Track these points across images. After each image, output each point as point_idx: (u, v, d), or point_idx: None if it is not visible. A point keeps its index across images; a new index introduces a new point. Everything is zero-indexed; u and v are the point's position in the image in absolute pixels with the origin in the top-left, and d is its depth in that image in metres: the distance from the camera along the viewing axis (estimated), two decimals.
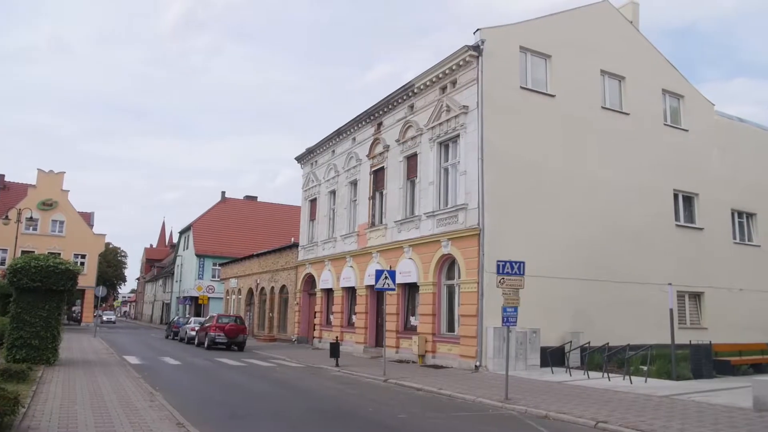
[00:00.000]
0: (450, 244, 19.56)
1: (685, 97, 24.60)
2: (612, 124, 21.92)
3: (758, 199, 26.13)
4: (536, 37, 20.56)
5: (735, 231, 25.51)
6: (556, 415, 10.45)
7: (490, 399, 12.18)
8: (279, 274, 35.97)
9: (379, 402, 12.29)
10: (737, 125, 26.83)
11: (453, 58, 19.89)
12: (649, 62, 23.75)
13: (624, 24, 23.50)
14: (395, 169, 23.60)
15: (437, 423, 10.15)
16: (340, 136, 28.76)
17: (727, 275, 23.90)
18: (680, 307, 22.35)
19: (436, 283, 20.48)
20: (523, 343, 17.77)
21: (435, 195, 20.90)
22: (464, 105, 19.52)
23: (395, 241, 22.83)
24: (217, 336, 27.00)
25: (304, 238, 32.60)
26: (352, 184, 27.55)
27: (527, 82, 20.23)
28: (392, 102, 23.81)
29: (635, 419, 9.82)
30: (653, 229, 22.15)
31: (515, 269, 12.94)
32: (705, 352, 16.46)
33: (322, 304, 29.67)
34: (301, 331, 31.90)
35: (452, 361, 18.90)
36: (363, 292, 25.08)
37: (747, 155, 26.00)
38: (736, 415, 10.21)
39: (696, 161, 24.16)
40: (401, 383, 15.10)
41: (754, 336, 21.50)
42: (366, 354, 23.70)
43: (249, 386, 14.66)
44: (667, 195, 23.18)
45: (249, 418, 10.25)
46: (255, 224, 59.73)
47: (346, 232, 27.27)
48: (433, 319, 20.30)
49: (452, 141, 20.53)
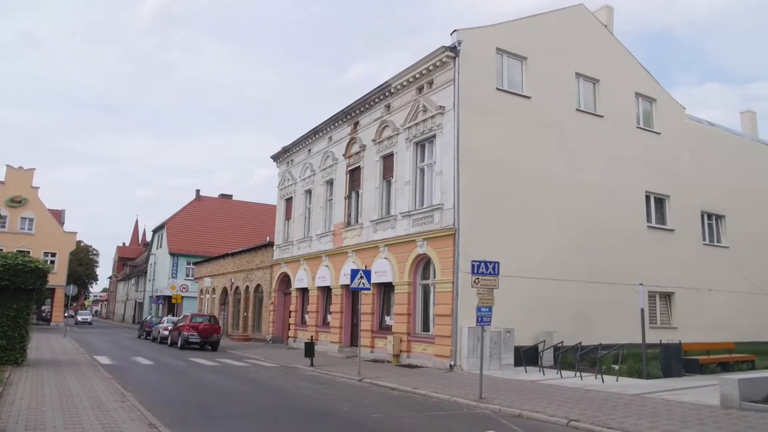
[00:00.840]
0: (425, 244, 19.62)
1: (657, 100, 25.01)
2: (586, 126, 22.18)
3: (727, 202, 26.68)
4: (512, 39, 20.72)
5: (704, 232, 26.01)
6: (529, 414, 10.55)
7: (465, 398, 12.25)
8: (254, 273, 35.74)
9: (353, 402, 12.27)
10: (707, 129, 27.35)
11: (430, 59, 19.95)
12: (622, 66, 24.09)
13: (599, 28, 23.80)
14: (371, 168, 23.60)
15: (412, 422, 10.17)
16: (316, 135, 28.67)
17: (696, 276, 24.35)
18: (651, 307, 22.73)
19: (411, 282, 20.53)
20: (498, 343, 17.90)
21: (411, 195, 20.94)
22: (441, 105, 19.60)
23: (371, 240, 22.84)
24: (191, 335, 26.72)
25: (279, 237, 32.44)
26: (328, 183, 27.48)
27: (503, 83, 20.38)
28: (369, 101, 23.80)
29: (606, 417, 9.96)
30: (625, 230, 22.48)
31: (490, 269, 13.03)
32: (675, 351, 16.75)
33: (297, 303, 29.55)
34: (276, 330, 31.74)
35: (427, 361, 18.96)
36: (338, 292, 25.04)
37: (716, 158, 26.53)
38: (704, 412, 10.41)
39: (667, 164, 24.58)
40: (376, 383, 15.11)
41: (722, 335, 21.93)
42: (341, 354, 23.67)
43: (223, 386, 14.54)
44: (640, 196, 23.54)
45: (222, 418, 10.17)
46: (230, 223, 59.24)
47: (322, 232, 27.19)
48: (408, 318, 20.34)
49: (428, 141, 20.59)
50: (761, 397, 10.83)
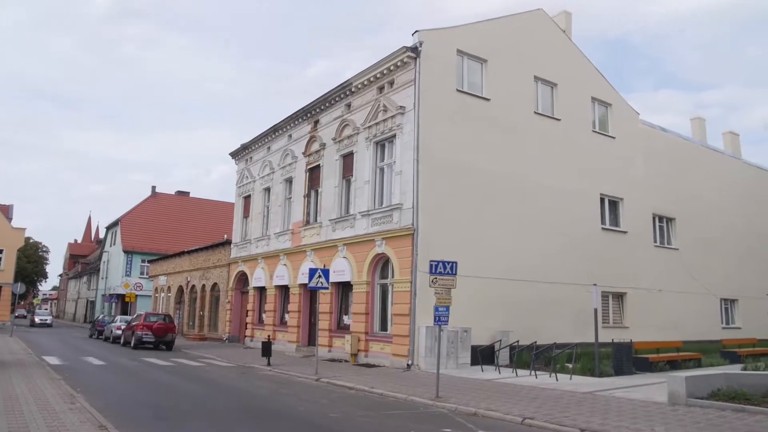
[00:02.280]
0: (384, 244, 19.64)
1: (612, 105, 25.60)
2: (544, 128, 22.55)
3: (677, 205, 27.50)
4: (473, 42, 20.91)
5: (656, 234, 26.74)
6: (485, 412, 10.66)
7: (421, 397, 12.30)
8: (211, 271, 35.22)
9: (310, 401, 12.21)
10: (659, 134, 28.13)
11: (391, 59, 19.98)
12: (579, 70, 24.58)
13: (557, 33, 24.22)
14: (331, 167, 23.51)
15: (368, 422, 10.16)
16: (276, 132, 28.41)
17: (648, 277, 25.02)
18: (604, 306, 23.24)
19: (369, 282, 20.53)
20: (455, 342, 18.04)
21: (370, 194, 20.94)
22: (401, 105, 19.65)
23: (330, 239, 22.75)
24: (145, 335, 26.18)
25: (237, 236, 32.05)
26: (287, 181, 27.27)
27: (463, 85, 20.55)
28: (330, 100, 23.70)
29: (560, 415, 10.14)
30: (580, 231, 22.94)
31: (448, 269, 13.13)
32: (626, 350, 17.18)
33: (255, 302, 29.24)
34: (233, 330, 31.34)
35: (384, 360, 18.99)
36: (296, 291, 24.88)
37: (667, 163, 27.31)
38: (652, 408, 10.70)
39: (621, 167, 25.18)
40: (333, 382, 15.06)
41: (671, 334, 22.61)
42: (298, 353, 23.51)
43: (177, 386, 14.29)
44: (594, 199, 24.05)
45: (175, 418, 9.99)
46: (186, 220, 58.26)
47: (281, 230, 26.97)
48: (366, 318, 20.34)
49: (388, 141, 20.63)
50: (706, 393, 11.20)
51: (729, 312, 29.56)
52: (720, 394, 11.12)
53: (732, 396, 10.91)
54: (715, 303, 28.49)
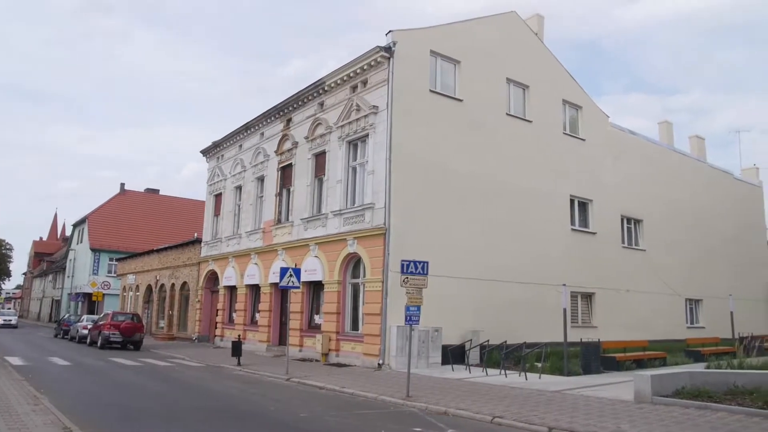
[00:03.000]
0: (356, 243, 19.62)
1: (583, 108, 25.95)
2: (516, 130, 22.76)
3: (644, 207, 28.00)
4: (447, 42, 21.00)
5: (624, 236, 27.18)
6: (455, 411, 10.72)
7: (392, 396, 12.32)
8: (180, 270, 34.79)
9: (280, 401, 12.13)
10: (628, 137, 28.61)
11: (364, 58, 19.96)
12: (551, 73, 24.86)
13: (530, 35, 24.46)
14: (303, 166, 23.41)
15: (339, 421, 10.14)
16: (248, 130, 28.18)
17: (615, 277, 25.43)
18: (573, 306, 23.55)
19: (341, 281, 20.49)
20: (426, 342, 18.10)
21: (342, 194, 20.90)
22: (374, 105, 19.65)
23: (301, 239, 22.65)
24: (112, 334, 25.74)
25: (207, 234, 31.72)
26: (259, 179, 27.07)
27: (436, 85, 20.62)
28: (303, 98, 23.59)
29: (529, 414, 10.24)
30: (551, 232, 23.21)
31: (419, 269, 13.18)
32: (594, 349, 17.42)
33: (225, 301, 28.97)
34: (203, 329, 31.00)
35: (356, 360, 18.97)
36: (267, 290, 24.71)
37: (636, 166, 27.79)
38: (619, 407, 10.88)
39: (591, 169, 25.55)
40: (304, 382, 15.00)
41: (638, 334, 23.01)
42: (269, 353, 23.36)
43: (144, 387, 14.07)
44: (564, 200, 24.35)
45: (143, 420, 9.84)
46: (156, 218, 57.45)
47: (252, 229, 26.76)
48: (338, 317, 20.30)
49: (361, 140, 20.61)
50: (671, 391, 11.43)
51: (693, 312, 30.21)
52: (684, 392, 11.36)
53: (695, 394, 11.15)
54: (681, 303, 29.10)
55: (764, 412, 9.80)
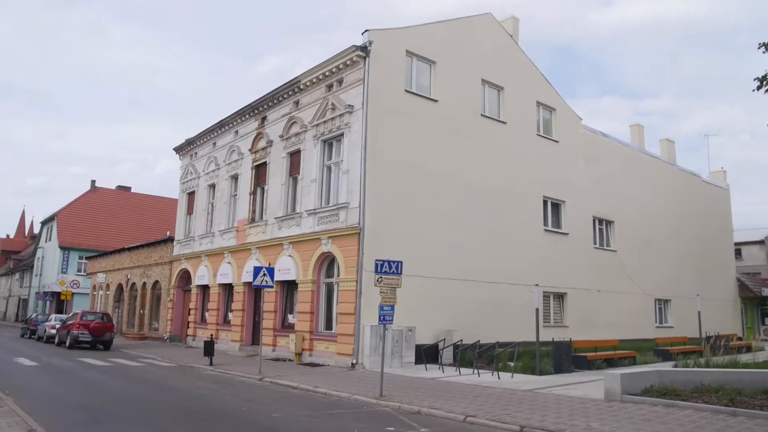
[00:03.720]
0: (330, 243, 19.57)
1: (556, 110, 26.22)
2: (490, 131, 22.91)
3: (616, 208, 28.41)
4: (422, 43, 21.06)
5: (595, 237, 27.54)
6: (428, 410, 10.75)
7: (366, 396, 12.31)
8: (152, 269, 34.34)
9: (253, 401, 12.05)
10: (600, 139, 28.99)
11: (340, 57, 19.92)
12: (525, 75, 25.08)
13: (505, 37, 24.64)
14: (278, 164, 23.27)
15: (311, 421, 10.10)
16: (222, 128, 27.93)
17: (587, 277, 25.76)
18: (545, 306, 23.79)
19: (315, 280, 20.42)
20: (399, 341, 18.13)
21: (317, 193, 20.84)
22: (349, 104, 19.62)
23: (275, 237, 22.52)
24: (81, 334, 25.31)
25: (180, 233, 31.36)
26: (232, 178, 26.84)
27: (412, 86, 20.66)
28: (278, 97, 23.46)
29: (501, 412, 10.32)
30: (524, 232, 23.42)
31: (393, 268, 13.20)
32: (565, 348, 17.63)
33: (197, 300, 28.68)
34: (174, 329, 30.65)
35: (329, 359, 18.92)
36: (240, 289, 24.52)
37: (607, 167, 28.18)
38: (589, 405, 11.02)
39: (564, 171, 25.83)
40: (277, 382, 14.92)
41: (608, 333, 23.37)
42: (242, 352, 23.19)
43: (114, 387, 13.86)
44: (538, 201, 24.59)
45: (112, 421, 9.69)
46: (127, 216, 56.55)
47: (225, 228, 26.53)
48: (311, 317, 20.23)
49: (336, 139, 20.56)
50: (640, 389, 11.63)
51: (662, 312, 30.75)
52: (653, 391, 11.57)
53: (663, 392, 11.37)
54: (650, 303, 29.60)
55: (729, 409, 10.03)
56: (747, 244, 44.78)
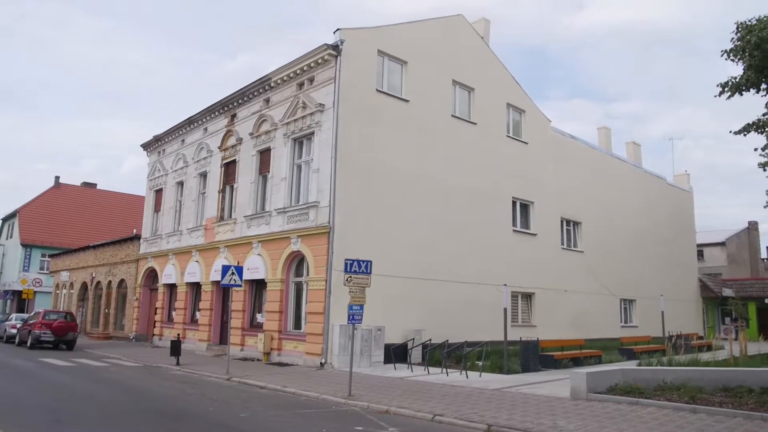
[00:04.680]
0: (300, 242, 19.48)
1: (526, 112, 26.50)
2: (460, 132, 23.05)
3: (583, 210, 28.85)
4: (394, 43, 21.08)
5: (563, 237, 27.92)
6: (396, 409, 10.78)
7: (334, 396, 12.29)
8: (118, 267, 33.73)
9: (220, 401, 11.93)
10: (569, 141, 29.40)
11: (312, 56, 19.83)
12: (496, 77, 25.29)
13: (476, 39, 24.81)
14: (247, 162, 23.07)
15: (279, 421, 10.04)
16: (191, 125, 27.58)
17: (555, 277, 26.10)
18: (513, 306, 24.02)
19: (284, 280, 20.31)
20: (368, 341, 18.14)
21: (287, 191, 20.72)
22: (320, 103, 19.55)
23: (244, 236, 22.33)
24: (43, 334, 24.74)
25: (147, 231, 30.88)
26: (201, 175, 26.53)
27: (383, 85, 20.67)
28: (248, 94, 23.25)
29: (469, 411, 10.39)
30: (493, 233, 23.62)
31: (362, 268, 13.20)
32: (533, 348, 17.84)
33: (164, 299, 28.27)
34: (140, 328, 30.16)
35: (298, 359, 18.83)
36: (208, 288, 24.25)
37: (575, 169, 28.59)
38: (556, 403, 11.18)
39: (533, 172, 26.13)
40: (245, 381, 14.80)
41: (575, 333, 23.73)
42: (209, 352, 22.93)
43: (77, 388, 13.59)
44: (507, 202, 24.82)
45: (75, 422, 9.49)
46: (93, 213, 55.42)
47: (193, 226, 26.21)
48: (280, 316, 20.11)
49: (307, 138, 20.47)
50: (605, 388, 11.84)
51: (627, 311, 31.32)
52: (617, 389, 11.80)
53: (628, 390, 11.60)
54: (615, 303, 30.12)
55: (690, 407, 10.29)
56: (709, 245, 45.95)
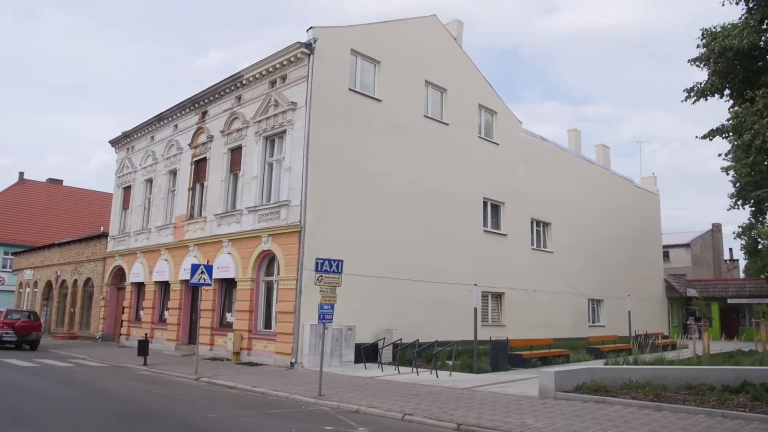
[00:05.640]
0: (271, 240, 19.36)
1: (498, 113, 26.72)
2: (433, 132, 23.14)
3: (553, 211, 29.20)
4: (367, 42, 21.07)
5: (533, 238, 28.21)
6: (366, 409, 10.78)
7: (304, 395, 12.24)
8: (84, 265, 33.11)
9: (188, 402, 11.80)
10: (539, 143, 29.72)
11: (284, 53, 19.71)
12: (468, 78, 25.44)
13: (449, 40, 24.92)
14: (218, 160, 22.84)
15: (248, 421, 9.96)
16: (161, 121, 27.19)
17: (524, 278, 26.37)
18: (484, 306, 24.19)
19: (254, 279, 20.15)
20: (339, 340, 18.10)
21: (258, 190, 20.57)
22: (293, 101, 19.45)
23: (214, 234, 22.10)
24: (5, 334, 24.16)
25: (115, 228, 30.36)
26: (171, 173, 26.17)
27: (356, 84, 20.65)
28: (219, 91, 23.01)
29: (438, 411, 10.44)
30: (464, 233, 23.76)
31: (333, 267, 13.17)
32: (502, 347, 17.99)
33: (132, 298, 27.83)
34: (107, 328, 29.65)
35: (268, 359, 18.71)
36: (177, 287, 23.94)
37: (545, 171, 28.92)
38: (524, 402, 11.29)
39: (504, 173, 26.35)
40: (214, 381, 14.65)
41: (544, 332, 24.01)
42: (178, 352, 22.65)
43: (40, 389, 13.29)
44: (478, 202, 24.99)
45: (37, 425, 9.28)
46: (58, 210, 54.30)
47: (162, 224, 25.85)
48: (250, 315, 19.95)
49: (278, 136, 20.35)
50: (572, 386, 12.01)
51: (595, 311, 31.79)
52: (584, 387, 11.97)
53: (595, 389, 11.78)
54: (584, 303, 30.55)
55: (654, 404, 10.50)
56: (674, 246, 46.93)
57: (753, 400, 10.58)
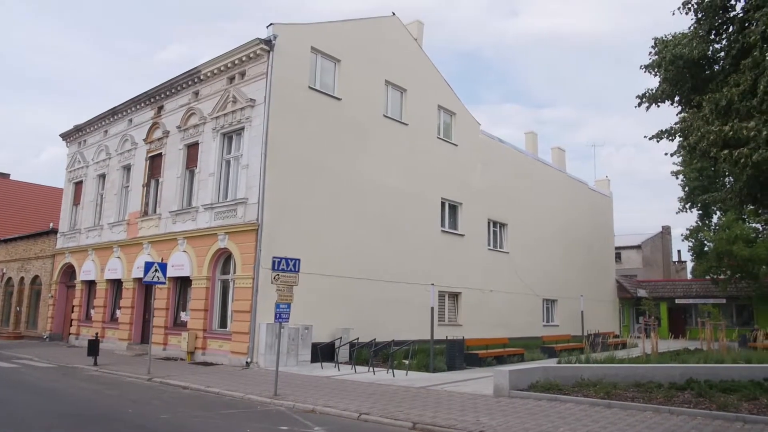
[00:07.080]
0: (227, 239, 19.11)
1: (457, 114, 26.96)
2: (392, 132, 23.21)
3: (509, 212, 29.63)
4: (328, 40, 20.99)
5: (490, 238, 28.57)
6: (322, 408, 10.74)
7: (259, 395, 12.13)
8: (31, 263, 32.07)
9: (140, 403, 11.55)
10: (497, 145, 30.12)
11: (243, 49, 19.48)
12: (428, 79, 25.60)
13: (409, 40, 25.03)
14: (174, 156, 22.42)
15: (202, 422, 9.82)
16: (115, 116, 26.53)
17: (481, 278, 26.69)
18: (440, 305, 24.39)
19: (210, 277, 19.86)
20: (295, 339, 17.99)
21: (215, 187, 20.27)
22: (251, 98, 19.23)
23: (169, 232, 21.69)
24: None
25: (65, 225, 29.50)
26: (125, 168, 25.57)
27: (316, 83, 20.55)
28: (176, 86, 22.59)
29: (394, 410, 10.48)
30: (421, 233, 23.90)
31: (290, 266, 13.09)
32: (458, 346, 18.17)
33: (82, 297, 27.09)
34: (55, 327, 28.77)
35: (223, 358, 18.46)
36: (130, 285, 23.41)
37: (502, 172, 29.33)
38: (479, 401, 11.43)
39: (462, 174, 26.61)
40: (167, 382, 14.38)
41: (499, 331, 24.35)
42: (130, 351, 22.14)
43: None
44: (436, 202, 25.17)
45: None
46: (5, 205, 52.30)
47: (115, 220, 25.23)
48: (205, 314, 19.65)
49: (236, 133, 20.10)
50: (526, 385, 12.21)
51: (549, 311, 32.39)
52: (538, 386, 12.19)
53: (548, 387, 12.01)
54: (538, 303, 31.10)
55: (605, 402, 10.76)
56: (626, 248, 48.18)
57: (697, 396, 10.97)
